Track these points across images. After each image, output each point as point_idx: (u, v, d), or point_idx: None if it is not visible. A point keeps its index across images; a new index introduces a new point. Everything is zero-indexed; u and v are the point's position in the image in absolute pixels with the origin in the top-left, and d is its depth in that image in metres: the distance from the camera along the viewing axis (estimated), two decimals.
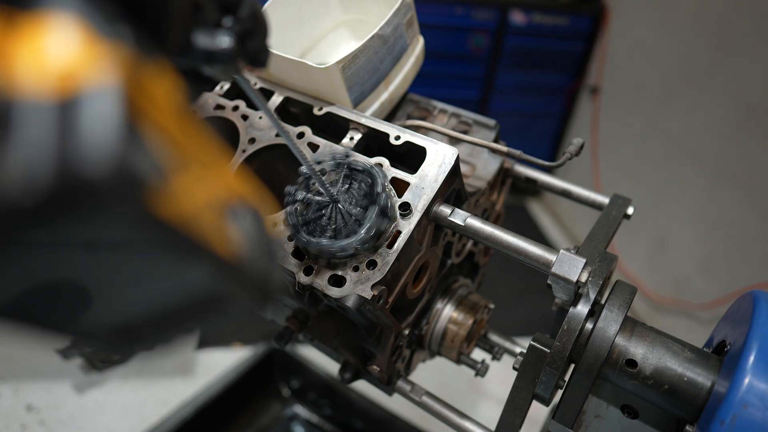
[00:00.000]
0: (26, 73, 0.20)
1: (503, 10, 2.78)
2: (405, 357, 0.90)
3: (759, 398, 0.55)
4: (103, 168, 0.19)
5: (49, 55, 0.21)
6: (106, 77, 0.21)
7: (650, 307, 2.55)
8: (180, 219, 0.22)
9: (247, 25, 0.40)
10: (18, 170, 0.19)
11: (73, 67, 0.21)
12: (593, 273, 0.71)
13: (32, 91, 0.20)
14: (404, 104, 1.03)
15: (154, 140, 0.22)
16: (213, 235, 0.24)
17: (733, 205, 2.11)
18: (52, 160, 0.19)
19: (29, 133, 0.19)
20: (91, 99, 0.20)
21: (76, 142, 0.19)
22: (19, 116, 0.19)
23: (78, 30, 0.22)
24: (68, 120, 0.19)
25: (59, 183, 0.19)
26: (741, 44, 2.06)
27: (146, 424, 1.81)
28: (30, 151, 0.19)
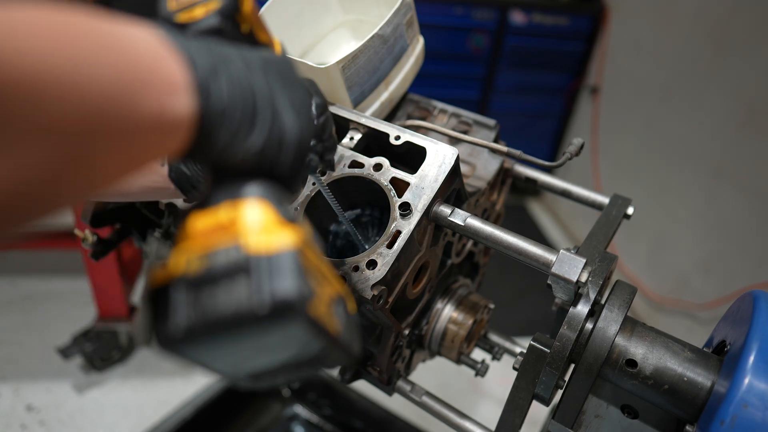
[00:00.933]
0: (251, 237, 0.35)
1: (503, 10, 2.78)
2: (405, 357, 0.90)
3: (759, 398, 0.55)
4: (294, 293, 0.34)
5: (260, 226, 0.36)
6: (290, 241, 0.36)
7: (650, 307, 2.55)
8: (319, 317, 0.36)
9: (328, 145, 0.52)
10: (254, 294, 0.33)
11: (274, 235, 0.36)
12: (593, 273, 0.71)
13: (256, 248, 0.35)
14: (404, 104, 1.03)
15: (310, 272, 0.37)
16: (327, 321, 0.37)
17: (733, 205, 2.11)
18: (270, 290, 0.33)
19: (259, 274, 0.34)
20: (284, 255, 0.35)
21: (281, 279, 0.34)
22: (253, 263, 0.34)
23: (269, 210, 0.38)
24: (275, 267, 0.34)
25: (274, 301, 0.33)
26: (741, 44, 2.06)
27: (146, 424, 1.81)
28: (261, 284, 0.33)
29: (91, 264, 1.85)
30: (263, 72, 0.41)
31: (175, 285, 0.34)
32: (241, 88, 0.38)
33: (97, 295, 1.94)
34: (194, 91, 0.35)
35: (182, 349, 0.34)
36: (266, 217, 0.37)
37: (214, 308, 0.33)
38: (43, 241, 2.03)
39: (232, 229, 0.36)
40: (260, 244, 0.35)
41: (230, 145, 0.38)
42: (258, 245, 0.35)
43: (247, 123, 0.39)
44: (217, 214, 0.37)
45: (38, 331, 2.20)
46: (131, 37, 0.33)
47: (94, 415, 1.94)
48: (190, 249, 0.36)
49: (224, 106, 0.37)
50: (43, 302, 2.34)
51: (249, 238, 0.35)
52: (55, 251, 2.43)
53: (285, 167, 0.42)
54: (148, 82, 0.32)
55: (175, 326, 0.33)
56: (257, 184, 0.39)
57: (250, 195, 0.38)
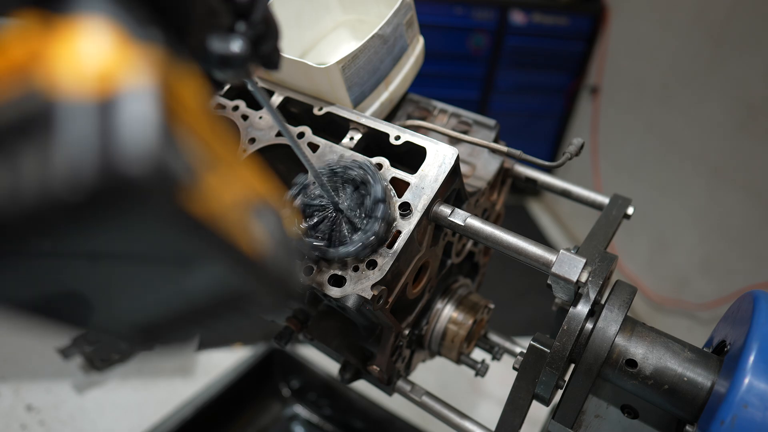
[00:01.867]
0: (66, 75, 0.21)
1: (503, 10, 2.78)
2: (405, 357, 0.90)
3: (759, 398, 0.55)
4: (142, 167, 0.20)
5: (86, 57, 0.21)
6: (142, 78, 0.22)
7: (650, 307, 2.55)
8: (209, 216, 0.23)
9: (260, 30, 0.40)
10: (63, 168, 0.19)
11: (110, 68, 0.21)
12: (593, 273, 0.71)
13: (73, 92, 0.21)
14: (404, 104, 1.03)
15: (186, 141, 0.23)
16: (238, 233, 0.24)
17: (733, 205, 2.11)
18: (95, 159, 0.20)
19: (73, 132, 0.20)
20: (129, 100, 0.21)
21: (117, 141, 0.20)
22: (62, 116, 0.20)
23: (112, 32, 0.22)
24: (108, 120, 0.20)
25: (102, 180, 0.20)
26: (741, 44, 2.06)
27: (146, 424, 1.81)
28: (74, 150, 0.20)
29: None
30: None
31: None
32: None
33: None
34: None
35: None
36: (106, 40, 0.22)
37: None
38: None
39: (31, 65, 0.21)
40: (84, 85, 0.21)
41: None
42: (79, 87, 0.21)
43: None
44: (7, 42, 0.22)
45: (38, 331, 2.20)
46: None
47: (94, 415, 1.94)
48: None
49: None
50: None
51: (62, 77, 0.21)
52: None
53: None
54: None
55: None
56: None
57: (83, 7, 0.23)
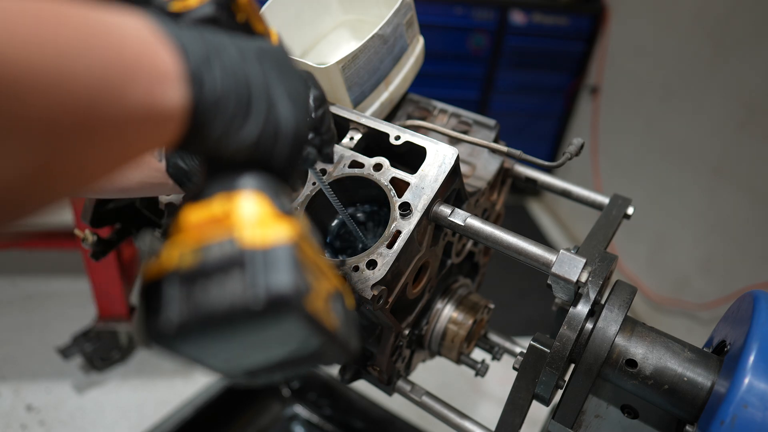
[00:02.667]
0: (245, 230, 0.34)
1: (503, 10, 2.78)
2: (405, 357, 0.90)
3: (759, 398, 0.55)
4: (290, 288, 0.33)
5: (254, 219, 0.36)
6: (286, 234, 0.35)
7: (650, 307, 2.55)
8: (316, 312, 0.35)
9: (326, 138, 0.52)
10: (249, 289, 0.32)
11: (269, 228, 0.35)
12: (593, 273, 0.71)
13: (251, 242, 0.34)
14: (404, 104, 1.03)
15: (306, 266, 0.36)
16: (324, 316, 0.36)
17: (733, 205, 2.11)
18: (265, 285, 0.33)
19: (253, 268, 0.33)
20: (280, 248, 0.34)
21: (276, 273, 0.33)
22: (248, 257, 0.33)
23: (264, 203, 0.37)
24: (270, 261, 0.33)
25: (270, 296, 0.32)
26: (741, 44, 2.06)
27: (146, 424, 1.81)
28: (255, 279, 0.33)
29: (91, 264, 1.85)
30: (259, 61, 0.40)
31: (167, 279, 0.34)
32: (236, 77, 0.37)
33: (97, 295, 1.94)
34: (186, 80, 0.34)
35: (175, 345, 0.33)
36: (261, 209, 0.36)
37: (207, 303, 0.32)
38: (43, 241, 2.03)
39: (226, 222, 0.35)
40: (255, 237, 0.34)
41: (224, 135, 0.37)
42: (253, 239, 0.34)
43: (241, 113, 0.38)
44: (210, 206, 0.36)
45: (38, 331, 2.20)
46: (120, 26, 0.32)
47: (94, 415, 1.94)
48: (183, 242, 0.35)
49: (218, 96, 0.36)
50: (43, 302, 2.34)
51: (243, 231, 0.34)
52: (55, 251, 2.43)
53: (281, 159, 0.41)
54: (137, 72, 0.31)
55: (168, 321, 0.32)
56: (252, 175, 0.38)
57: (245, 187, 0.37)
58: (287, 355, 0.38)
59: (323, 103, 0.50)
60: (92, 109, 0.29)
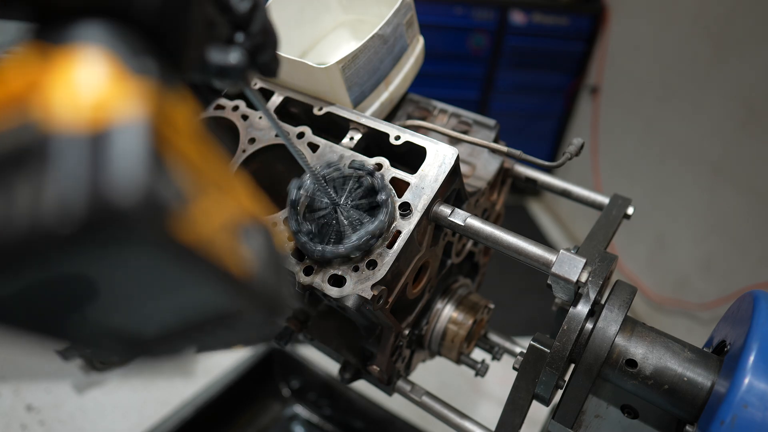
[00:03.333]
0: (61, 107, 0.22)
1: (503, 10, 2.78)
2: (405, 357, 0.90)
3: (759, 398, 0.55)
4: (132, 198, 0.21)
5: (82, 89, 0.22)
6: (134, 110, 0.22)
7: (650, 307, 2.55)
8: (199, 242, 0.24)
9: (258, 40, 0.40)
10: (54, 201, 0.20)
11: (104, 100, 0.22)
12: (593, 273, 0.71)
13: (67, 124, 0.21)
14: (404, 104, 1.03)
15: (177, 168, 0.23)
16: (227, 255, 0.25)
17: (733, 205, 2.11)
18: (85, 191, 0.20)
19: (65, 165, 0.21)
20: (121, 132, 0.22)
21: (107, 173, 0.21)
22: (55, 149, 0.21)
23: (108, 64, 0.23)
24: (100, 152, 0.21)
25: (92, 213, 0.20)
26: (741, 44, 2.06)
27: (146, 424, 1.81)
28: (65, 182, 0.20)
29: None
30: None
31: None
32: None
33: None
34: None
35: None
36: (99, 70, 0.23)
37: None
38: None
39: (28, 95, 0.22)
40: (78, 117, 0.22)
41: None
42: (73, 119, 0.21)
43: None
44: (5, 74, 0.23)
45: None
46: None
47: (94, 415, 1.94)
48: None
49: None
50: None
51: (56, 108, 0.22)
52: None
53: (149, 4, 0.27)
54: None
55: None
56: (96, 24, 0.25)
57: (80, 38, 0.24)
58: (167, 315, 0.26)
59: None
60: None
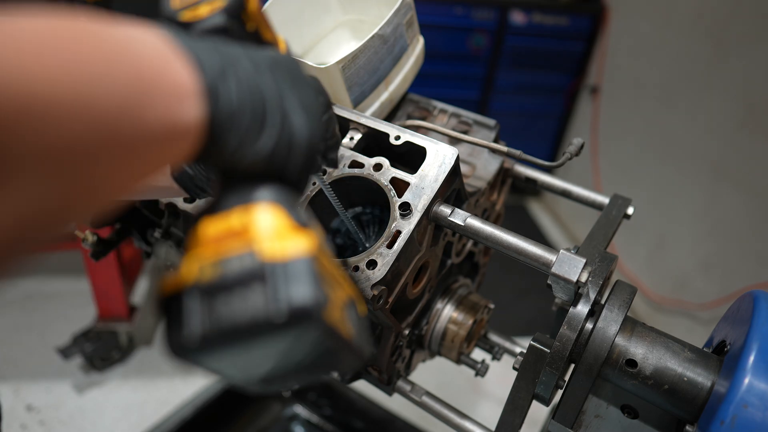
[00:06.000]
0: (265, 243, 0.35)
1: (503, 10, 2.78)
2: (405, 357, 0.90)
3: (759, 398, 0.55)
4: (311, 301, 0.33)
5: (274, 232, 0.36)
6: (304, 247, 0.35)
7: (650, 307, 2.55)
8: (334, 322, 0.36)
9: (331, 143, 0.51)
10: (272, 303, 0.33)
11: (287, 240, 0.35)
12: (593, 273, 0.71)
13: (271, 254, 0.34)
14: (404, 104, 1.03)
15: (324, 278, 0.36)
16: (341, 326, 0.37)
17: (733, 205, 2.11)
18: (287, 299, 0.33)
19: (274, 282, 0.33)
20: (300, 261, 0.34)
21: (295, 288, 0.33)
22: (268, 271, 0.34)
23: (282, 215, 0.37)
24: (290, 274, 0.34)
25: (291, 311, 0.33)
26: (741, 44, 2.06)
27: (146, 424, 1.81)
28: (276, 293, 0.33)
29: (91, 264, 1.85)
30: (271, 72, 0.40)
31: (188, 293, 0.34)
32: (250, 89, 0.37)
33: (97, 296, 1.94)
34: (203, 95, 0.34)
35: (196, 358, 0.34)
36: (279, 222, 0.36)
37: (229, 316, 0.33)
38: None
39: (245, 235, 0.35)
40: (275, 250, 0.34)
41: (240, 148, 0.37)
42: (272, 251, 0.34)
43: (256, 126, 0.38)
44: (228, 219, 0.36)
45: (38, 331, 2.20)
46: (135, 42, 0.32)
47: (94, 415, 1.94)
48: (202, 256, 0.35)
49: (234, 109, 0.36)
50: (43, 302, 2.34)
51: (263, 244, 0.34)
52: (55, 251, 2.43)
53: (295, 169, 0.41)
54: (156, 91, 0.31)
55: (190, 334, 0.33)
56: (268, 187, 0.38)
57: (261, 199, 0.37)
58: (303, 363, 0.39)
59: (329, 108, 0.50)
60: (113, 130, 0.29)
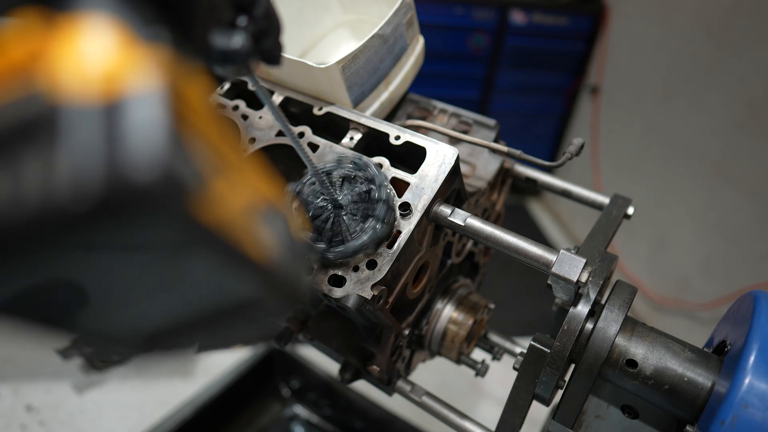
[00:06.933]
0: (70, 77, 0.20)
1: (503, 10, 2.78)
2: (405, 357, 0.90)
3: (759, 398, 0.55)
4: (150, 174, 0.19)
5: (91, 57, 0.21)
6: (149, 80, 0.21)
7: (650, 307, 2.55)
8: (218, 224, 0.22)
9: (262, 24, 0.39)
10: (67, 176, 0.19)
11: (115, 70, 0.21)
12: (593, 273, 0.71)
13: (77, 95, 0.20)
14: (404, 104, 1.03)
15: (194, 145, 0.22)
16: (247, 239, 0.24)
17: (733, 205, 2.11)
18: (101, 166, 0.19)
19: (77, 138, 0.19)
20: (136, 103, 0.20)
21: (123, 147, 0.19)
22: (66, 121, 0.19)
23: (117, 32, 0.22)
24: (115, 125, 0.19)
25: (108, 189, 0.19)
26: (741, 44, 2.06)
27: (146, 424, 1.81)
28: (79, 156, 0.19)
29: None
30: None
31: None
32: None
33: None
34: None
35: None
36: (111, 40, 0.21)
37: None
38: None
39: (32, 65, 0.21)
40: (88, 87, 0.20)
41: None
42: (83, 89, 0.20)
43: None
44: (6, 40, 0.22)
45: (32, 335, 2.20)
46: None
47: (94, 415, 1.94)
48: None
49: None
50: None
51: (65, 78, 0.20)
52: None
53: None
54: None
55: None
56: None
57: (86, 5, 0.22)
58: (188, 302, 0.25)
59: None
60: None
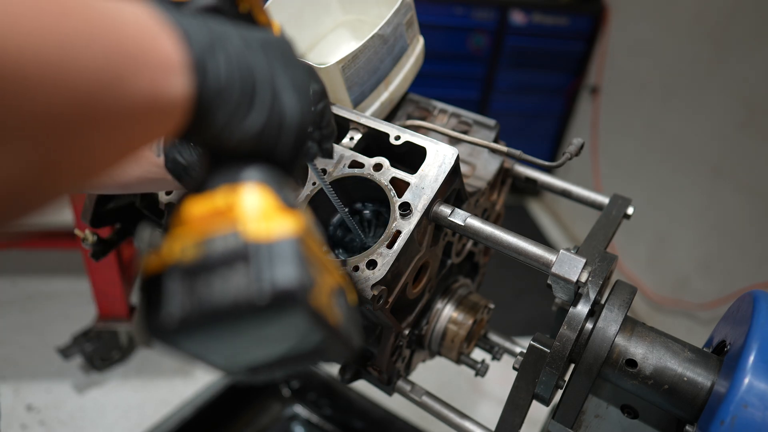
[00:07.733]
0: (251, 223, 0.34)
1: (503, 10, 2.78)
2: (405, 357, 0.90)
3: (759, 398, 0.55)
4: (295, 284, 0.32)
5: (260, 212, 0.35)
6: (290, 228, 0.35)
7: (650, 307, 2.55)
8: (320, 307, 0.35)
9: (326, 133, 0.50)
10: (254, 284, 0.32)
11: (273, 221, 0.34)
12: (593, 273, 0.71)
13: (255, 235, 0.33)
14: (404, 104, 1.03)
15: (310, 261, 0.35)
16: (328, 312, 0.36)
17: (733, 205, 2.11)
18: (270, 280, 0.32)
19: (258, 262, 0.32)
20: (284, 242, 0.34)
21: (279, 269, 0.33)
22: (252, 251, 0.33)
23: (270, 196, 0.36)
24: (275, 255, 0.33)
25: (275, 293, 0.32)
26: (741, 44, 2.06)
27: (146, 424, 1.81)
28: (259, 273, 0.32)
29: (91, 264, 1.85)
30: (263, 51, 0.39)
31: (168, 273, 0.33)
32: (240, 66, 0.37)
33: (97, 295, 1.94)
34: (190, 69, 0.34)
35: (176, 340, 0.33)
36: (266, 202, 0.35)
37: (210, 297, 0.31)
38: (43, 241, 2.03)
39: (229, 214, 0.34)
40: (260, 230, 0.33)
41: (228, 125, 0.36)
42: (257, 232, 0.33)
43: (245, 103, 0.37)
44: (213, 199, 0.35)
45: (38, 331, 2.20)
46: (122, 14, 0.31)
47: (94, 415, 1.94)
48: (185, 235, 0.34)
49: (222, 85, 0.35)
50: (43, 302, 2.34)
51: (248, 224, 0.34)
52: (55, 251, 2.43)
53: (285, 150, 0.40)
54: (141, 63, 0.31)
55: (169, 316, 0.32)
56: (256, 167, 0.38)
57: (248, 179, 0.36)
58: (289, 350, 0.38)
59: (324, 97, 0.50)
60: (96, 102, 0.28)
